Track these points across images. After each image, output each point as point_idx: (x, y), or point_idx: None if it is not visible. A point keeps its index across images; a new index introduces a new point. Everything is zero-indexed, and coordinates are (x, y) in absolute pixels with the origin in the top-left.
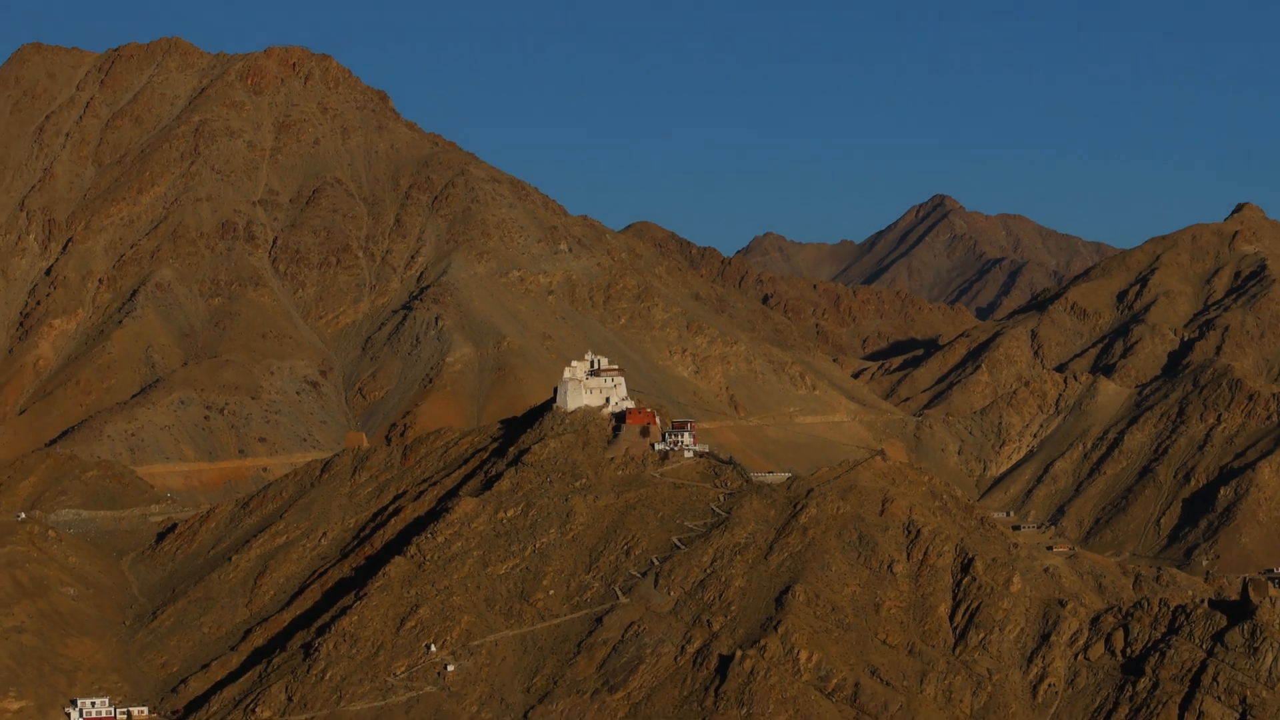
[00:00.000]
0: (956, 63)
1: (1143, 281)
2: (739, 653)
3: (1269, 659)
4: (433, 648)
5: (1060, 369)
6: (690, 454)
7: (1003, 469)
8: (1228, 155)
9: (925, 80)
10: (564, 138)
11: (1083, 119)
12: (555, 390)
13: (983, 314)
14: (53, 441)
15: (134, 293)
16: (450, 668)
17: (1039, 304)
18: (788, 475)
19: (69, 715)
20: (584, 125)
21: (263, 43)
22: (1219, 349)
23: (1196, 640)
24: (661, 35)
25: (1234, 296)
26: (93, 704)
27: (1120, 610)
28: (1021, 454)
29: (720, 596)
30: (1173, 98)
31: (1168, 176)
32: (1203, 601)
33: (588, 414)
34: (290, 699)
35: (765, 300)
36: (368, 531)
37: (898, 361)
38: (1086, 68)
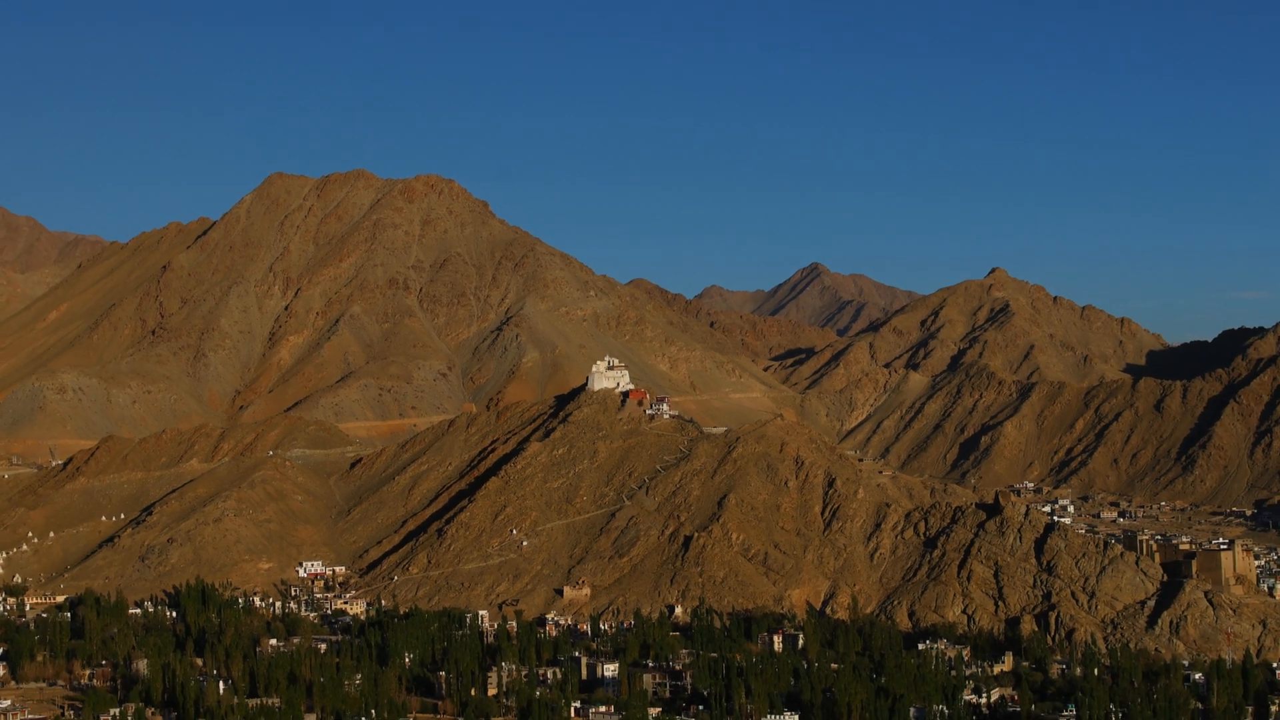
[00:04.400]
0: (827, 166)
1: (935, 314)
2: (696, 534)
3: (1011, 538)
4: (514, 531)
5: (887, 366)
6: (667, 416)
7: (852, 425)
8: (985, 232)
9: (805, 180)
10: (592, 221)
11: (898, 206)
12: (587, 378)
13: (841, 333)
14: (289, 409)
15: (337, 320)
16: (525, 543)
17: (874, 327)
18: (725, 429)
19: (299, 571)
20: (604, 214)
21: (414, 170)
22: (981, 354)
23: (968, 527)
24: (652, 152)
25: (989, 323)
26: (312, 565)
27: (922, 509)
28: (864, 417)
29: (685, 500)
30: (949, 189)
31: (950, 247)
32: (972, 504)
33: (606, 392)
34: (429, 561)
35: (711, 325)
36: (475, 462)
37: (790, 361)
38: (896, 165)
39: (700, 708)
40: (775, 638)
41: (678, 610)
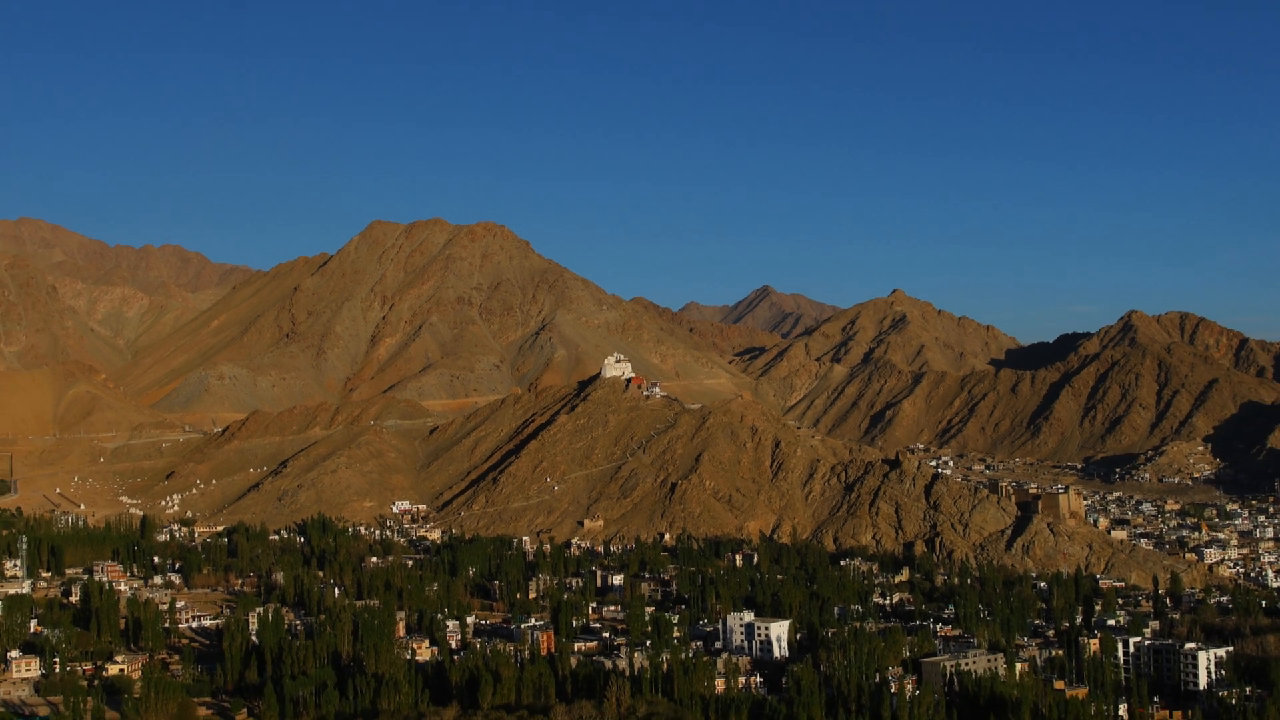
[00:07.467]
0: (776, 212)
1: (853, 322)
2: (680, 482)
3: (907, 484)
4: (548, 479)
5: (818, 360)
6: (659, 396)
7: (792, 403)
8: (889, 261)
9: (760, 224)
10: (604, 254)
11: (827, 243)
12: (601, 369)
13: (785, 337)
14: (385, 391)
15: (420, 327)
16: (556, 488)
17: (808, 332)
18: (700, 405)
19: (392, 508)
20: (614, 249)
21: (475, 218)
22: (885, 352)
23: (876, 476)
24: (648, 201)
25: (892, 329)
26: (402, 503)
27: (843, 463)
28: (801, 397)
29: (672, 456)
30: (864, 230)
31: (864, 273)
32: (879, 460)
33: (615, 379)
34: (487, 501)
35: (690, 330)
36: (520, 429)
37: (748, 357)
38: (826, 212)
39: (683, 606)
40: (737, 556)
41: (666, 536)
